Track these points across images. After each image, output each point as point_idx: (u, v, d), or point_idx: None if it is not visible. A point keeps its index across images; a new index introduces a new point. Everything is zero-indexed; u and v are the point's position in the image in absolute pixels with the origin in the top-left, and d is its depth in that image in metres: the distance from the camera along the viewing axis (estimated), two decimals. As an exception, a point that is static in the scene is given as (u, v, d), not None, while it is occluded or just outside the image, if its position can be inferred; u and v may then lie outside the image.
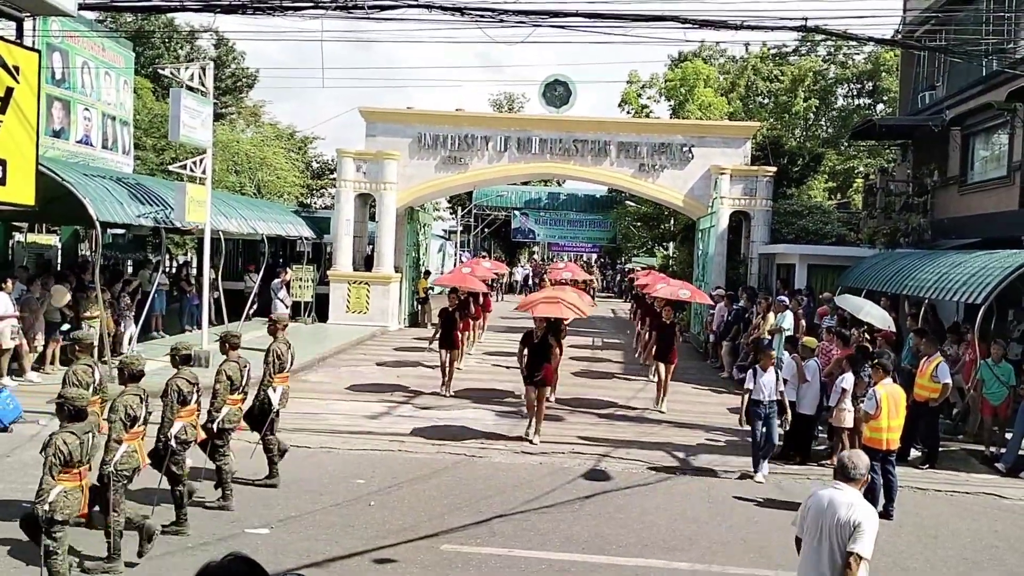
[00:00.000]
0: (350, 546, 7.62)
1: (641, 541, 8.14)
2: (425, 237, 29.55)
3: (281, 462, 9.53)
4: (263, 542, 7.64)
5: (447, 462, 10.59)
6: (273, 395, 9.42)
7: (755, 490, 9.97)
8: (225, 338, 9.08)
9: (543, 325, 11.82)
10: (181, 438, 7.75)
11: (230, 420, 8.71)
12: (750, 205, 23.51)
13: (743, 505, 9.39)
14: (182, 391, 7.83)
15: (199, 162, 16.04)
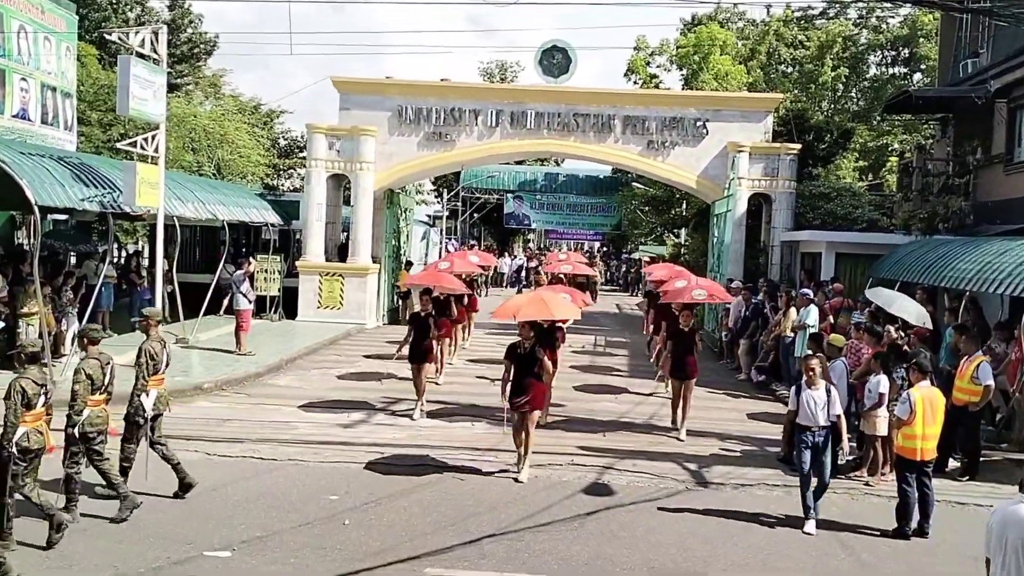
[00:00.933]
0: (322, 571, 7.64)
1: (648, 563, 8.18)
2: (407, 223, 29.53)
3: (245, 475, 9.52)
4: (224, 567, 7.65)
5: (431, 475, 10.61)
6: (146, 400, 9.25)
7: (775, 506, 10.01)
8: (84, 333, 9.01)
9: (530, 334, 10.71)
10: (23, 445, 7.62)
11: (92, 424, 8.60)
12: (771, 187, 23.56)
13: (763, 522, 9.43)
14: (27, 393, 7.70)
15: (151, 139, 15.98)
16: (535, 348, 10.69)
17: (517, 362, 10.62)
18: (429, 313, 13.93)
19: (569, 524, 9.09)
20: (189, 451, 11.06)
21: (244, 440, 11.73)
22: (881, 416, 10.92)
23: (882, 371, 11.06)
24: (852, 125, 30.10)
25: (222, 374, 15.81)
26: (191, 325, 19.23)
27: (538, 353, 10.68)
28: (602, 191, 44.73)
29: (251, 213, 24.09)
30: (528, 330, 10.71)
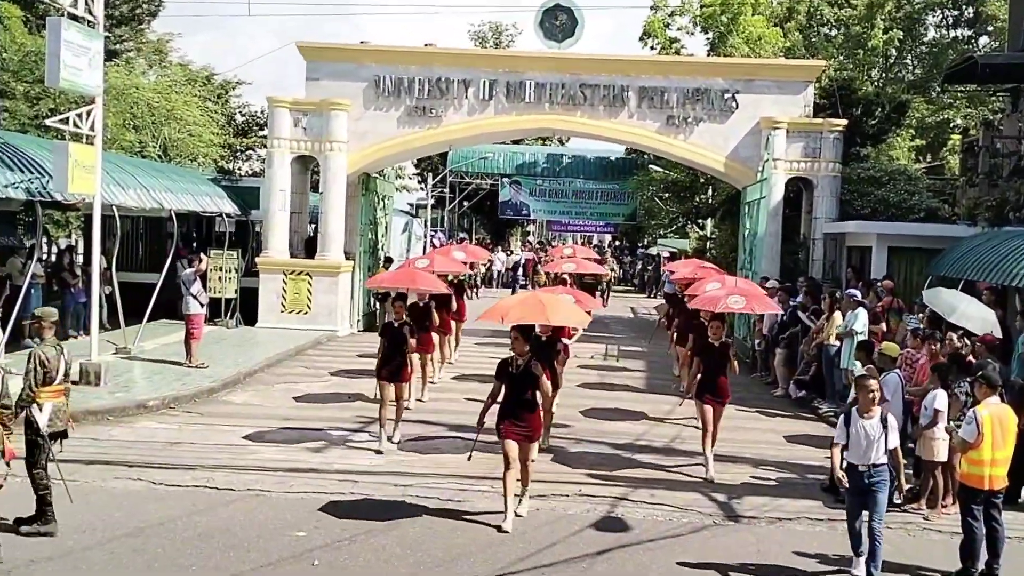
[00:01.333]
0: (287, 619, 7.64)
1: (669, 610, 8.19)
2: (385, 213, 29.56)
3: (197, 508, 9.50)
4: (172, 614, 7.64)
5: (414, 508, 10.59)
6: (39, 416, 9.23)
7: (818, 543, 10.02)
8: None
9: (524, 348, 10.20)
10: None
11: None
12: (812, 170, 23.59)
13: (803, 562, 9.44)
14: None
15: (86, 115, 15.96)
16: (530, 364, 10.14)
17: (509, 382, 10.16)
18: (404, 322, 13.40)
19: (576, 565, 9.08)
20: (131, 479, 11.09)
21: (196, 467, 11.71)
22: (939, 438, 10.93)
23: (940, 385, 11.07)
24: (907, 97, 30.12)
25: (170, 390, 15.80)
26: (133, 332, 19.21)
27: (534, 370, 10.13)
28: (614, 175, 44.80)
29: (203, 201, 24.06)
30: (522, 343, 10.21)
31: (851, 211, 22.85)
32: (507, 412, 10.16)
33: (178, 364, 17.90)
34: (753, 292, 15.23)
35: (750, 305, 14.57)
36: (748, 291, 15.03)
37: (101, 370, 15.71)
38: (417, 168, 54.29)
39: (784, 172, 23.51)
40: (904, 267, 20.66)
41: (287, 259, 24.55)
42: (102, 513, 9.83)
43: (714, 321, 13.15)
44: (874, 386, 9.02)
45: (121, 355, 18.44)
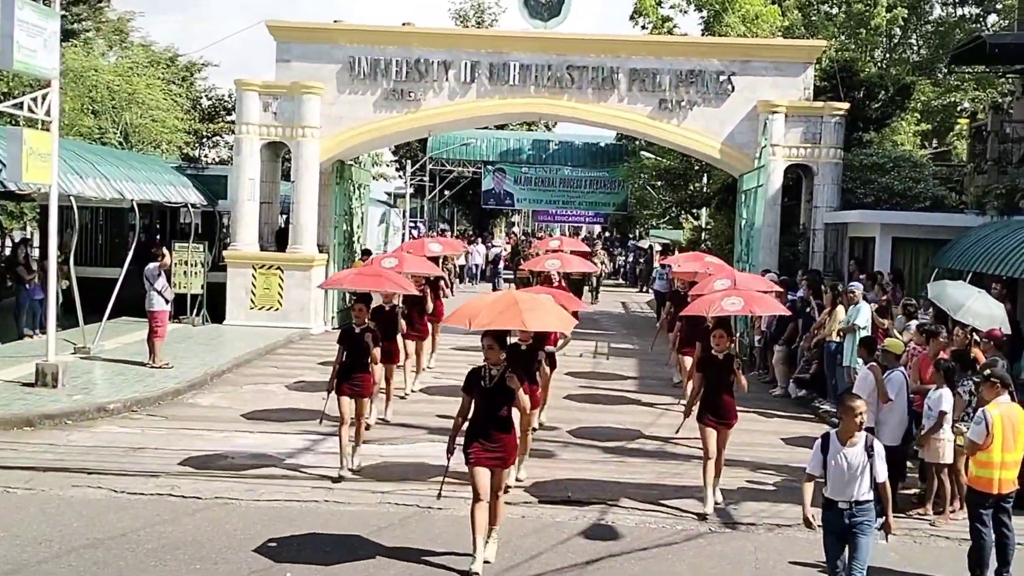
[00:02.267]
0: (257, 635, 7.62)
1: (663, 623, 8.20)
2: (361, 203, 29.50)
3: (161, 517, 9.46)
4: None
5: (394, 516, 10.58)
6: None
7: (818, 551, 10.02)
8: None
9: (499, 358, 9.26)
10: None
11: None
12: (813, 156, 23.64)
13: (804, 572, 9.46)
14: None
15: (41, 99, 15.85)
16: (505, 376, 9.15)
17: (481, 397, 9.19)
18: (367, 328, 12.27)
19: (564, 575, 9.08)
20: (91, 487, 11.04)
21: (160, 474, 11.67)
22: (944, 439, 10.98)
23: (944, 384, 11.11)
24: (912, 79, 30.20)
25: (132, 392, 15.74)
26: (93, 331, 19.11)
27: (510, 383, 9.13)
28: (604, 162, 44.83)
29: (167, 191, 23.96)
30: (497, 352, 9.29)
31: (853, 200, 22.89)
32: (477, 432, 9.18)
33: (141, 364, 17.82)
34: (753, 291, 13.81)
35: (749, 306, 13.08)
36: (747, 292, 13.53)
37: (59, 371, 15.62)
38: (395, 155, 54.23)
39: (783, 158, 23.53)
40: (909, 258, 20.74)
41: (257, 252, 24.45)
42: (60, 523, 9.78)
43: (717, 329, 11.80)
44: (861, 408, 7.95)
45: (80, 355, 18.35)
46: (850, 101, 24.55)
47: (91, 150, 23.23)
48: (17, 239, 29.19)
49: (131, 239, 22.45)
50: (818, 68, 25.61)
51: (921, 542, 10.54)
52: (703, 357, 12.10)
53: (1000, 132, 21.65)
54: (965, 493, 10.07)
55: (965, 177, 23.94)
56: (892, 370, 11.56)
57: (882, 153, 24.19)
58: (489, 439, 9.13)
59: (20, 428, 13.56)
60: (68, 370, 16.13)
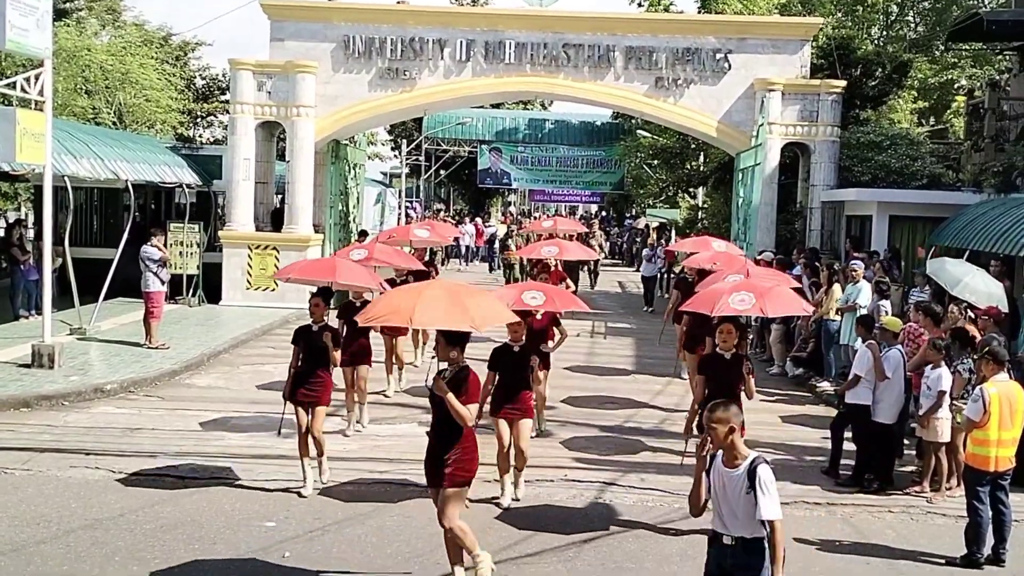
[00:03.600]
0: (257, 615, 7.64)
1: (661, 601, 8.23)
2: (357, 183, 29.43)
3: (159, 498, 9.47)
4: (134, 611, 7.63)
5: (391, 495, 10.61)
6: None
7: (816, 529, 10.09)
8: None
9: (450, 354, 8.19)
10: None
11: None
12: (810, 134, 23.62)
13: (802, 549, 9.50)
14: None
15: (34, 79, 15.78)
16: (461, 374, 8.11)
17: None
18: (325, 327, 10.92)
19: (562, 554, 9.12)
20: (88, 468, 11.05)
21: (158, 454, 11.68)
22: (943, 417, 11.00)
23: (943, 362, 11.13)
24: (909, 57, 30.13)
25: (129, 372, 15.73)
26: (88, 311, 19.09)
27: (437, 390, 8.03)
28: (600, 141, 44.76)
29: (162, 171, 23.89)
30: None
31: (850, 178, 22.90)
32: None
33: (137, 345, 17.82)
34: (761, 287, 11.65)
35: (760, 305, 11.02)
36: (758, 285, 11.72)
37: (55, 352, 15.61)
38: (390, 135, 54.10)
39: (779, 137, 23.53)
40: (906, 236, 20.75)
41: (252, 232, 24.42)
42: (58, 504, 9.80)
43: (725, 324, 10.37)
44: (725, 420, 6.23)
45: (76, 336, 18.34)
46: (847, 79, 24.52)
47: (85, 130, 23.15)
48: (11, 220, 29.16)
49: (126, 220, 22.42)
50: (815, 46, 25.57)
51: (918, 519, 10.58)
52: (707, 356, 10.68)
53: (997, 109, 21.61)
54: (962, 471, 10.10)
55: (962, 155, 23.91)
56: (889, 348, 11.58)
57: (879, 131, 24.18)
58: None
59: (17, 409, 13.56)
60: (64, 351, 16.13)
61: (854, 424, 11.74)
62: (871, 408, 11.43)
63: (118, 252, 20.23)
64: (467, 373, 8.09)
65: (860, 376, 11.41)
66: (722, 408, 6.25)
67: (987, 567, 9.21)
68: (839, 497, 11.11)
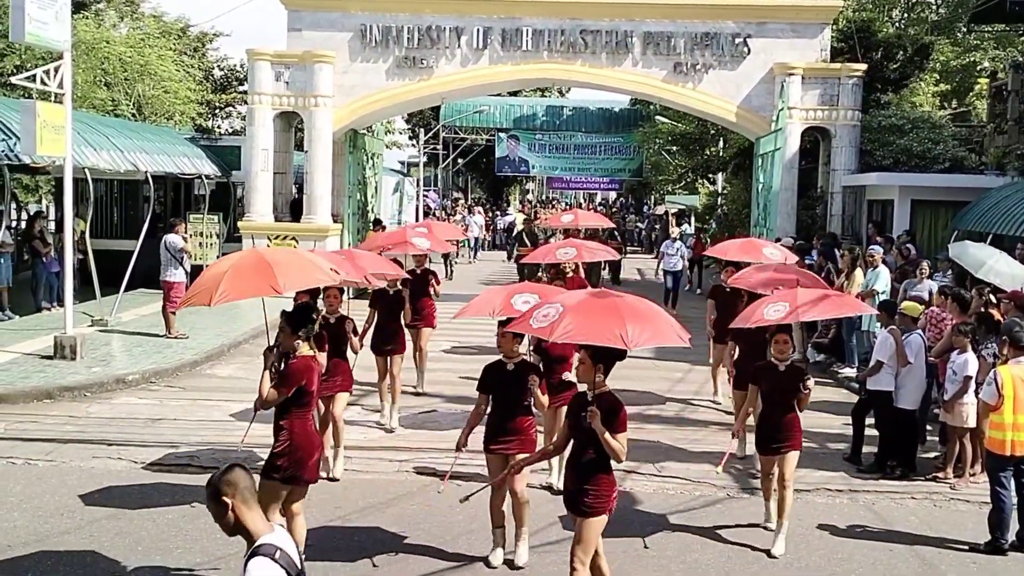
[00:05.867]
0: (279, 604, 7.67)
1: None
2: (375, 172, 29.46)
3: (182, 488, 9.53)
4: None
5: (411, 484, 10.64)
6: None
7: (838, 516, 10.07)
8: None
9: (291, 343, 7.97)
10: None
11: None
12: (830, 119, 23.48)
13: (824, 537, 9.49)
14: None
15: (53, 72, 15.85)
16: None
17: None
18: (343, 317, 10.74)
19: (584, 542, 9.12)
20: (111, 459, 11.13)
21: (179, 445, 11.76)
22: (967, 403, 10.95)
23: (969, 347, 11.07)
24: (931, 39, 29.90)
25: (150, 363, 15.83)
26: (110, 303, 19.20)
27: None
28: (618, 128, 44.61)
29: (181, 163, 23.96)
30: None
31: (871, 162, 22.76)
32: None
33: (158, 336, 17.91)
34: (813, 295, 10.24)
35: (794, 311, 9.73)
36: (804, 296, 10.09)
37: (77, 344, 15.71)
38: (408, 123, 54.05)
39: (800, 121, 23.39)
40: (928, 221, 20.65)
41: (271, 223, 24.47)
42: (81, 495, 9.87)
43: (780, 334, 9.43)
44: None
45: (97, 327, 18.44)
46: (868, 62, 24.34)
47: (104, 122, 23.24)
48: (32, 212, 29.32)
49: (145, 211, 22.51)
50: (835, 29, 25.38)
51: (942, 505, 10.55)
52: (761, 366, 9.73)
53: (1021, 91, 21.44)
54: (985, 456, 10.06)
55: (985, 138, 23.75)
56: (910, 333, 11.53)
57: (900, 114, 24.00)
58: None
59: (40, 401, 13.66)
60: (86, 342, 16.23)
61: (876, 410, 11.70)
62: (893, 394, 11.40)
63: (138, 244, 20.34)
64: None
65: (882, 362, 11.36)
66: None
67: (1012, 553, 9.17)
68: (862, 484, 11.08)
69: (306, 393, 7.96)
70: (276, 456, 7.86)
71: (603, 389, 7.23)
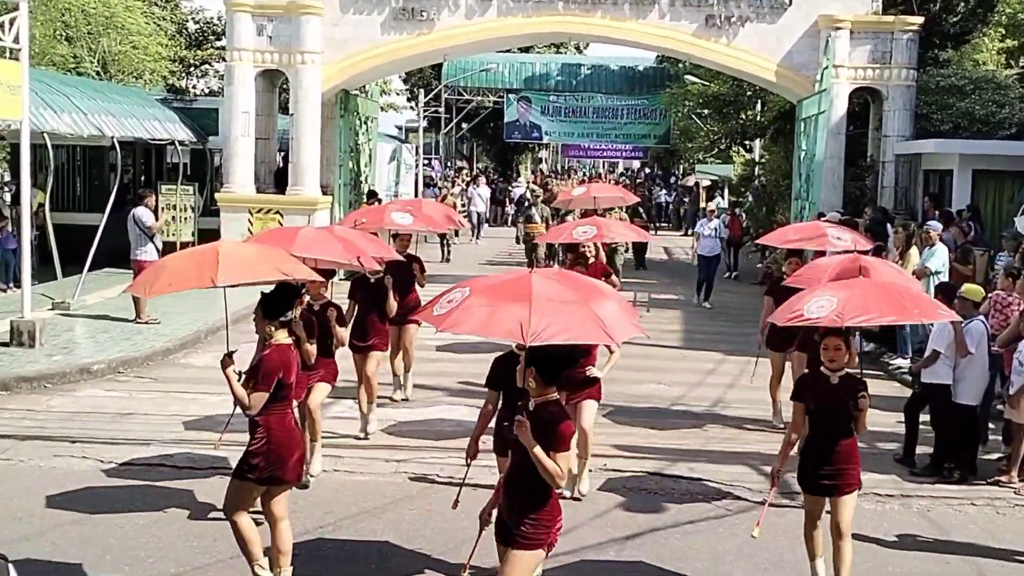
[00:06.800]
0: (262, 619, 7.71)
1: (713, 604, 8.25)
2: (369, 138, 29.44)
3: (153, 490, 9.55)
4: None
5: (409, 488, 10.66)
6: None
7: (888, 524, 10.07)
8: None
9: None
10: None
11: None
12: (882, 78, 23.37)
13: (872, 547, 9.47)
14: None
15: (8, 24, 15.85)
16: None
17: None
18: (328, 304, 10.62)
19: (603, 551, 9.16)
20: (75, 457, 11.17)
21: (151, 442, 11.78)
22: (1038, 398, 10.92)
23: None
24: (995, -11, 29.79)
25: (118, 351, 15.87)
26: (72, 284, 19.23)
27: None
28: (643, 89, 44.52)
29: (151, 127, 23.96)
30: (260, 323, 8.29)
31: (928, 128, 22.67)
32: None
33: (126, 321, 17.95)
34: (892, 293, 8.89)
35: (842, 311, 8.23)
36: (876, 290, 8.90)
37: (35, 329, 15.75)
38: (406, 84, 53.97)
39: (847, 81, 23.28)
40: (992, 193, 20.55)
41: (253, 194, 24.46)
42: (42, 497, 9.90)
43: (831, 337, 8.26)
44: None
45: (59, 311, 18.48)
46: (924, 14, 24.22)
47: (66, 81, 23.23)
48: (-15, 183, 29.37)
49: (112, 181, 22.55)
50: (888, -23, 25.26)
51: (1005, 513, 10.52)
52: (805, 377, 8.84)
53: (1097, 48, 21.33)
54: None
55: (1056, 99, 23.62)
56: (971, 320, 11.49)
57: (961, 74, 23.90)
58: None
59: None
60: (46, 328, 16.27)
61: (932, 406, 11.68)
62: (951, 388, 11.36)
63: (104, 218, 20.36)
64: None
65: (939, 352, 11.33)
66: None
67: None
68: (915, 488, 11.07)
69: (284, 386, 7.93)
70: (251, 455, 7.86)
71: (547, 398, 6.66)
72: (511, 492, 6.74)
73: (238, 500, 7.87)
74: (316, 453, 10.81)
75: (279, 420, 7.93)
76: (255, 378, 7.82)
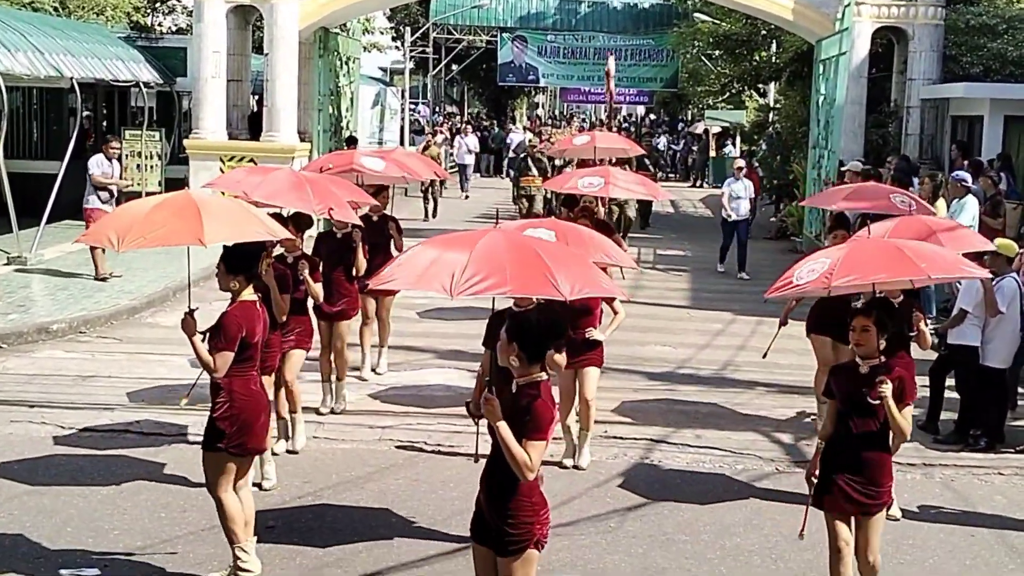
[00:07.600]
0: (236, 595, 7.75)
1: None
2: (350, 80, 29.30)
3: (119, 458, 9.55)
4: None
5: (397, 457, 10.69)
6: None
7: (908, 495, 10.09)
8: None
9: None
10: None
11: None
12: (907, 16, 23.25)
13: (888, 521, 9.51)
14: None
15: (-44, -47, 15.74)
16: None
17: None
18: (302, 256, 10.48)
19: (603, 524, 9.20)
20: (33, 423, 11.17)
21: (115, 407, 11.80)
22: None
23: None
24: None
25: (79, 309, 15.86)
26: (29, 237, 19.19)
27: None
28: (648, 28, 44.36)
29: (114, 67, 23.83)
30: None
31: (957, 70, 22.60)
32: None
33: (88, 277, 17.92)
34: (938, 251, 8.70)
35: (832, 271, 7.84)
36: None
37: (-11, 287, 15.76)
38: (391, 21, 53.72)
39: (870, 20, 23.16)
40: None
41: (224, 141, 24.34)
42: (0, 464, 9.94)
43: (858, 318, 7.31)
44: None
45: (15, 266, 18.46)
46: (954, -53, 24.13)
47: (20, 17, 23.07)
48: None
49: (72, 127, 22.46)
50: (915, -95, 25.12)
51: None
52: (838, 369, 7.77)
53: None
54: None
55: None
56: (1003, 277, 11.48)
57: (993, 12, 23.80)
58: None
59: (-55, 354, 13.74)
60: (1, 284, 16.25)
61: (958, 369, 11.71)
62: (979, 350, 11.38)
63: (63, 166, 20.30)
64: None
65: (966, 311, 11.34)
66: None
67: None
68: (939, 457, 11.10)
69: (249, 346, 7.78)
70: (216, 421, 7.72)
71: (531, 379, 6.09)
72: (489, 485, 6.22)
73: (218, 475, 7.80)
74: (298, 426, 10.79)
75: (242, 383, 7.79)
76: (217, 337, 7.67)
